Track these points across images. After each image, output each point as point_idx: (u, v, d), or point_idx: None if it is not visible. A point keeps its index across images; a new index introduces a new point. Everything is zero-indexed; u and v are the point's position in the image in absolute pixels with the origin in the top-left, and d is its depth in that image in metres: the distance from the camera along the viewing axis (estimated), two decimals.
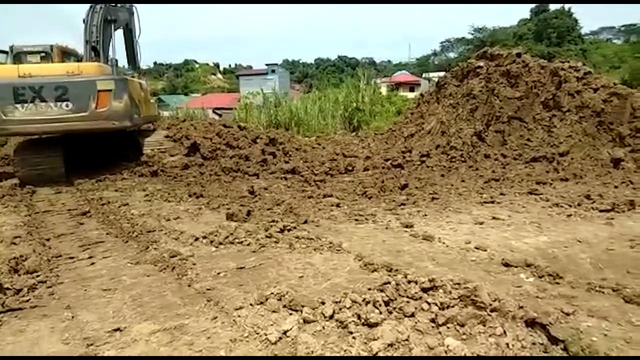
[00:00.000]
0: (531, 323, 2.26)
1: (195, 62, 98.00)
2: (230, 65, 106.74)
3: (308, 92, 25.81)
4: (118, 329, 2.56)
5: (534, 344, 2.16)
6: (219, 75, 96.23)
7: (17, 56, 9.15)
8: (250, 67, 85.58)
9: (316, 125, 15.70)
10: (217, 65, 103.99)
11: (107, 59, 9.64)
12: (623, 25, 68.32)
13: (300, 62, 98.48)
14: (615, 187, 5.72)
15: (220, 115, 21.51)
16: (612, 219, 4.43)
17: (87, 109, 8.02)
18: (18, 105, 7.79)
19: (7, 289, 3.10)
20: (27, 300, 3.01)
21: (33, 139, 8.53)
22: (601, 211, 4.70)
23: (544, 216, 4.67)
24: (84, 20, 9.66)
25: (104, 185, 7.67)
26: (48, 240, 4.58)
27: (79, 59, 9.74)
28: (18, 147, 8.51)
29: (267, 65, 54.70)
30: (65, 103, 7.94)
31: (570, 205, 4.98)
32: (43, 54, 9.36)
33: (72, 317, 2.77)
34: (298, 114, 16.01)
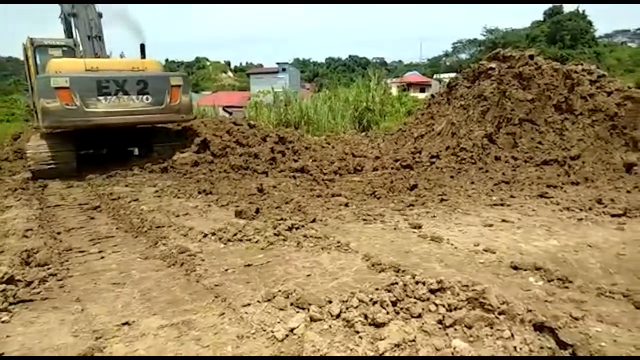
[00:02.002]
0: (540, 327, 2.25)
1: (207, 59, 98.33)
2: (241, 64, 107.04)
3: (318, 91, 25.80)
4: (127, 323, 2.59)
5: (542, 348, 2.15)
6: (230, 74, 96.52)
7: (38, 49, 9.26)
8: (261, 66, 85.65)
9: (326, 124, 15.67)
10: (228, 63, 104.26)
11: (105, 53, 9.75)
12: (638, 29, 67.50)
13: (311, 61, 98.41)
14: (628, 191, 5.65)
15: (230, 114, 21.58)
16: (624, 224, 4.38)
17: (163, 102, 8.57)
18: (101, 98, 8.09)
19: (19, 280, 3.14)
20: (38, 293, 3.05)
21: (46, 134, 8.62)
22: (613, 216, 4.64)
23: (554, 220, 4.63)
24: (71, 14, 9.67)
25: (114, 180, 7.75)
26: (59, 233, 4.64)
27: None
28: (31, 141, 8.61)
29: (277, 64, 54.72)
30: (145, 96, 8.43)
31: (581, 209, 4.93)
32: (65, 48, 9.50)
33: (82, 309, 2.81)
34: (308, 113, 15.99)
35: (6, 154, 10.91)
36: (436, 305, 2.48)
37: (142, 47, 9.98)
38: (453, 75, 12.06)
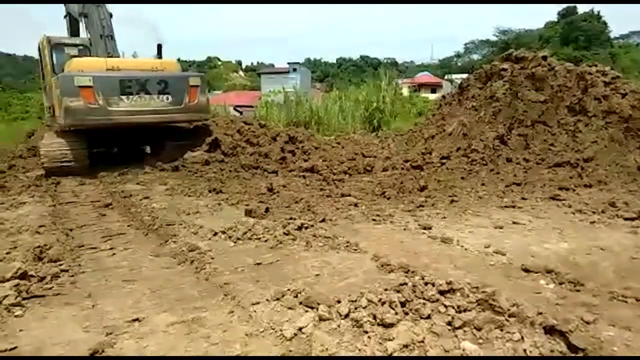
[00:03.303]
0: (550, 330, 2.23)
1: (218, 59, 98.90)
2: (252, 63, 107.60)
3: (329, 91, 25.80)
4: (137, 319, 2.61)
5: (552, 351, 2.13)
6: (241, 73, 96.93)
7: (55, 48, 9.39)
8: (272, 66, 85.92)
9: (336, 124, 15.66)
10: (239, 63, 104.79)
11: (117, 52, 9.84)
12: None
13: (322, 61, 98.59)
14: None
15: (241, 113, 21.65)
16: (638, 227, 4.32)
17: (182, 102, 8.77)
18: (123, 97, 8.25)
19: (32, 276, 3.19)
20: (50, 288, 3.09)
21: (60, 132, 8.73)
22: (626, 219, 4.58)
23: (566, 222, 4.58)
24: (81, 14, 9.77)
25: (126, 178, 7.81)
26: (71, 230, 4.69)
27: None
28: (44, 139, 8.72)
29: (289, 63, 54.69)
30: (166, 96, 8.62)
31: (593, 212, 4.87)
32: (81, 47, 9.63)
33: (93, 305, 2.84)
34: (318, 113, 15.99)
35: (20, 151, 11.06)
36: (445, 306, 2.47)
37: (159, 47, 10.08)
38: (465, 76, 11.98)
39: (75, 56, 9.20)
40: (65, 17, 10.71)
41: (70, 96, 7.88)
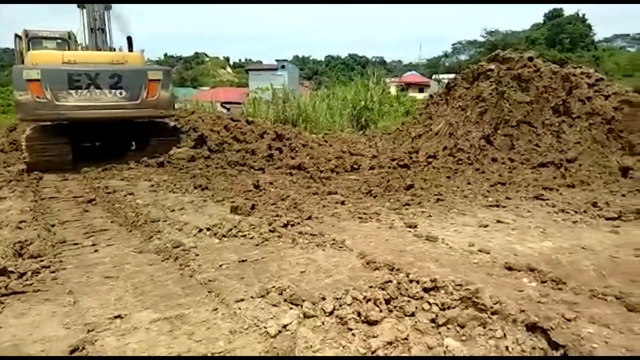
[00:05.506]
0: (532, 327, 2.25)
1: (206, 55, 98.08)
2: (240, 60, 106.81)
3: (317, 89, 25.76)
4: (119, 316, 2.58)
5: (534, 348, 2.16)
6: (229, 69, 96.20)
7: (32, 41, 9.22)
8: (260, 62, 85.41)
9: (324, 122, 15.65)
10: (227, 59, 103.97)
11: (110, 46, 9.68)
12: (638, 33, 67.52)
13: (311, 58, 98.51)
14: (623, 195, 5.67)
15: (228, 109, 21.51)
16: (618, 227, 4.40)
17: (138, 97, 8.28)
18: (72, 91, 7.91)
19: (11, 272, 3.13)
20: (31, 284, 3.04)
21: (42, 126, 8.57)
22: (607, 219, 4.66)
23: (549, 222, 4.64)
24: (80, 6, 9.65)
25: (110, 174, 7.70)
26: (53, 226, 4.61)
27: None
28: (27, 134, 8.56)
29: (277, 60, 54.47)
30: (119, 91, 8.16)
31: (576, 212, 4.94)
32: (59, 40, 9.44)
33: (74, 302, 2.80)
34: (306, 110, 15.96)
35: (1, 146, 10.85)
36: (430, 304, 2.48)
37: (129, 39, 9.79)
38: (452, 76, 12.06)
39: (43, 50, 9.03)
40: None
41: (19, 90, 7.64)
